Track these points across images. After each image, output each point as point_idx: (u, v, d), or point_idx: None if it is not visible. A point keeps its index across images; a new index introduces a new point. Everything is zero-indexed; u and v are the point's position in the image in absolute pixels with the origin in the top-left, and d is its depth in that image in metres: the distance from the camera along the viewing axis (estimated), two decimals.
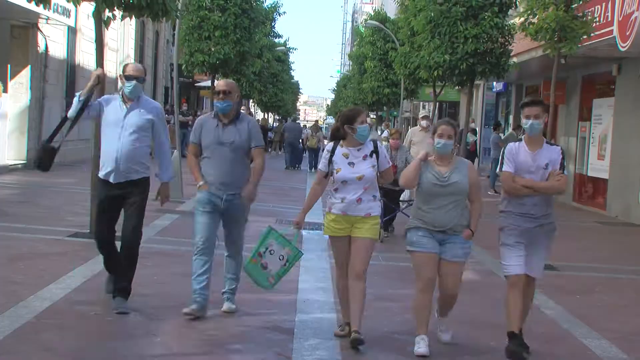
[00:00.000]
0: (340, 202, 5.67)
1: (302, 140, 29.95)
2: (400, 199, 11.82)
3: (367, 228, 5.66)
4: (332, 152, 5.76)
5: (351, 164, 5.68)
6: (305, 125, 38.61)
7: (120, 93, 6.29)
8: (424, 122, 12.97)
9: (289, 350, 5.44)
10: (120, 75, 6.29)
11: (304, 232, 10.95)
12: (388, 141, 27.45)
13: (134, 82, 6.17)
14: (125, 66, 6.36)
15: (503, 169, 5.62)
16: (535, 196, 5.55)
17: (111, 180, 6.13)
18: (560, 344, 6.03)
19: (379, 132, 27.63)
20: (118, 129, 6.14)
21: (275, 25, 33.09)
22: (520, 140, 5.74)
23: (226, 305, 6.32)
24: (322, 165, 5.82)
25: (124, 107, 6.20)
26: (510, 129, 22.34)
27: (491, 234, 5.63)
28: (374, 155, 5.75)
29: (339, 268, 5.85)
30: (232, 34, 19.26)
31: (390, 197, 10.99)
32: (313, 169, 26.24)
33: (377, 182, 5.85)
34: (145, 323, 5.88)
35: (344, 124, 5.73)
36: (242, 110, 6.75)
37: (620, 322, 6.92)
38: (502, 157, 5.67)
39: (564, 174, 5.58)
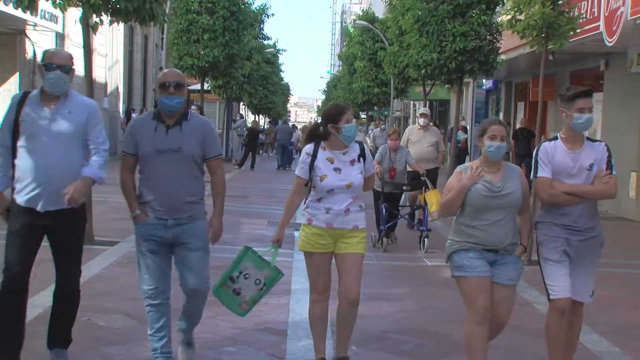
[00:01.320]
0: (325, 213, 4.92)
1: (294, 142, 30.40)
2: (400, 203, 11.44)
3: (356, 242, 4.98)
4: (314, 155, 4.97)
5: (337, 169, 4.94)
6: (295, 127, 39.06)
7: (39, 90, 4.78)
8: (422, 121, 12.15)
9: (282, 351, 5.45)
10: (39, 66, 4.73)
11: (295, 234, 10.94)
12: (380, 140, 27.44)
13: (57, 71, 4.62)
14: (44, 53, 4.78)
15: (538, 175, 4.77)
16: (579, 204, 4.71)
17: (39, 208, 4.59)
18: None
19: (371, 131, 27.64)
20: (43, 139, 4.57)
21: (264, 27, 33.10)
22: (556, 138, 4.85)
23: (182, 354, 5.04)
24: (301, 171, 4.99)
25: (47, 109, 4.65)
26: None
27: None
28: (362, 159, 5.03)
29: (318, 292, 5.03)
30: (220, 36, 19.29)
31: (392, 202, 10.66)
32: None
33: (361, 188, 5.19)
34: (138, 327, 5.86)
35: (327, 122, 4.97)
36: (192, 110, 5.17)
37: (612, 316, 6.95)
38: (535, 161, 4.80)
39: (612, 175, 4.72)
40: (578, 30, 12.63)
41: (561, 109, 4.82)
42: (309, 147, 5.03)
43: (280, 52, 39.16)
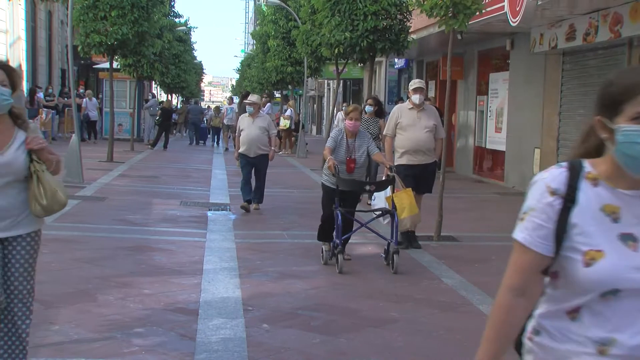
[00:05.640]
0: (596, 354, 1.94)
1: (207, 120, 32.83)
2: (371, 206, 8.53)
3: None
4: (570, 200, 1.96)
5: (631, 238, 1.94)
6: (209, 107, 40.42)
7: None
8: (416, 98, 8.81)
9: (193, 331, 5.40)
10: None
11: (209, 214, 10.84)
12: (291, 120, 27.28)
13: None
14: None
15: None
16: None
17: None
18: (459, 310, 6.23)
19: (286, 111, 27.60)
20: None
21: (175, 5, 32.38)
22: None
23: None
24: (530, 235, 2.00)
25: None
26: None
27: None
28: None
29: None
30: (129, 13, 18.75)
31: (348, 204, 7.92)
32: (216, 144, 30.17)
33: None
34: (42, 311, 5.70)
35: (600, 111, 1.96)
36: None
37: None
38: None
39: None
40: (483, 10, 12.97)
41: None
42: (553, 178, 1.99)
43: (192, 29, 38.51)
